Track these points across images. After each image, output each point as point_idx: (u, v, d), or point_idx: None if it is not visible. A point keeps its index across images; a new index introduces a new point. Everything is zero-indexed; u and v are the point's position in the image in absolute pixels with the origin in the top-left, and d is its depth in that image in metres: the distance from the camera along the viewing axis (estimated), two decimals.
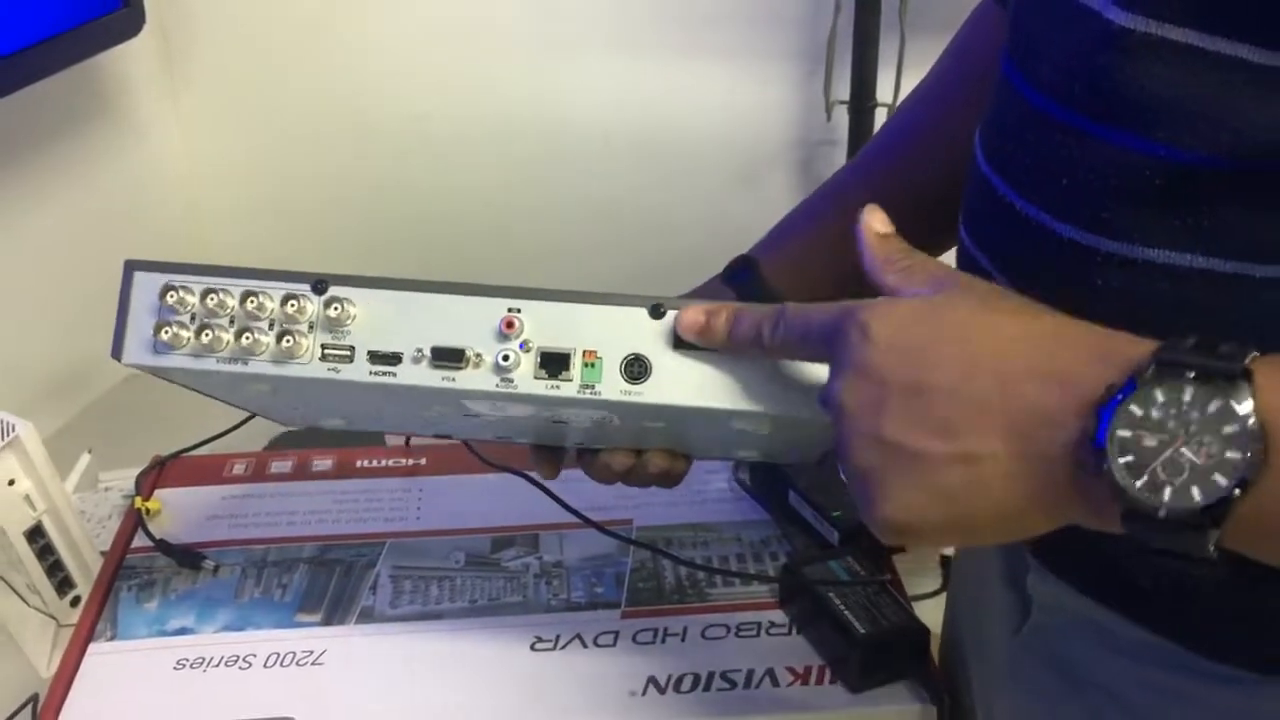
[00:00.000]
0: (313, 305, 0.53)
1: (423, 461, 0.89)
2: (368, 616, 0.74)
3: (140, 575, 0.79)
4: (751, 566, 0.77)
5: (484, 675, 0.69)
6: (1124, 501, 0.38)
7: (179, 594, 0.77)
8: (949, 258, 0.58)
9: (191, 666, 0.70)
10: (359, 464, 0.90)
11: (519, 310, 0.52)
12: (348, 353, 0.53)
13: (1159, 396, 0.37)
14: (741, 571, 0.77)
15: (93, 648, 0.71)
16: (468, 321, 0.53)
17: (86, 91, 1.21)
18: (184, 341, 0.53)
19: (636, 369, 0.52)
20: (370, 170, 1.34)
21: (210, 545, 0.81)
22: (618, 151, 1.27)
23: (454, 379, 0.52)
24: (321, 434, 0.85)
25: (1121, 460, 0.37)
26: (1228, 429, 0.36)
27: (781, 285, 0.71)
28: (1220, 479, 0.36)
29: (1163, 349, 0.38)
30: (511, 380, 0.52)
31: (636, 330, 0.52)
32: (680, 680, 0.68)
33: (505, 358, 0.52)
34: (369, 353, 0.53)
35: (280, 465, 0.89)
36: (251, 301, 0.53)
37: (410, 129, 1.30)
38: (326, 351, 0.53)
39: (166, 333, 0.53)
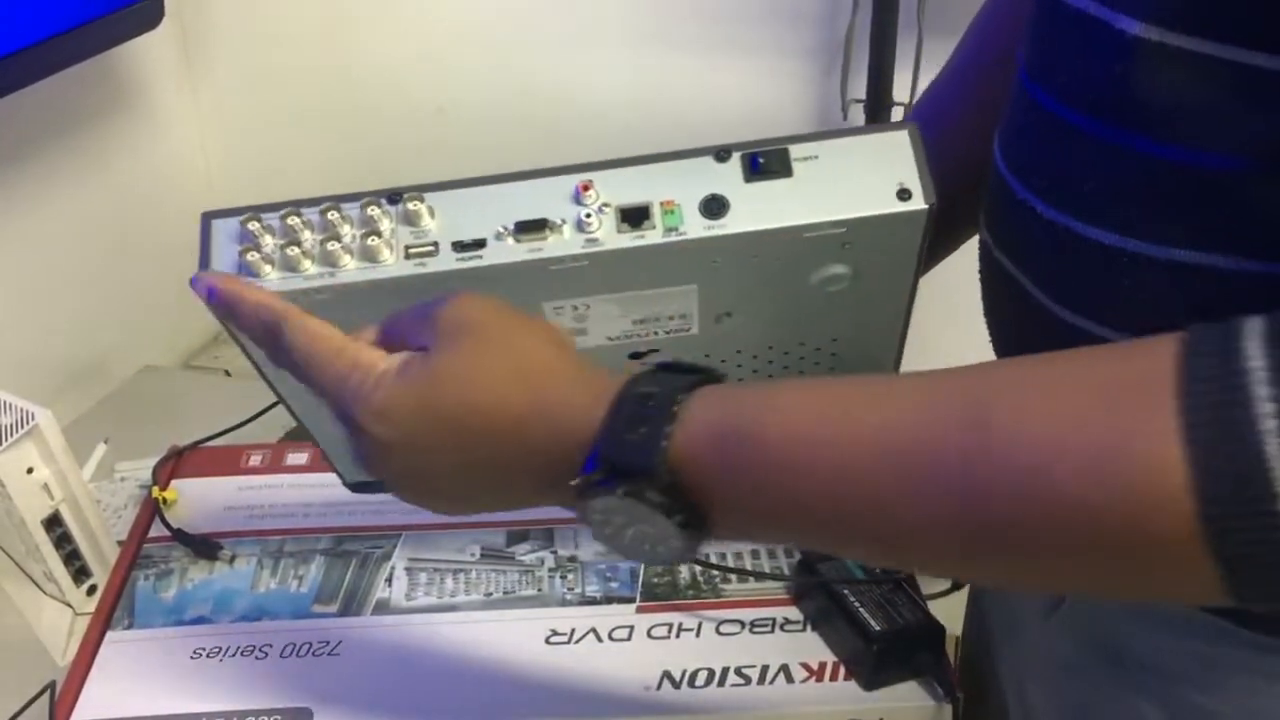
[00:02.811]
0: (391, 212, 0.53)
1: None
2: (383, 608, 0.74)
3: (157, 564, 0.79)
4: (766, 564, 0.77)
5: (499, 668, 0.69)
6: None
7: (196, 583, 0.77)
8: (970, 256, 0.59)
9: (208, 655, 0.71)
10: None
11: (590, 181, 0.53)
12: (431, 247, 0.53)
13: (599, 507, 0.44)
14: (756, 569, 0.77)
15: (110, 636, 0.72)
16: (543, 196, 0.53)
17: (105, 84, 1.21)
18: (271, 260, 0.53)
19: (715, 206, 0.53)
20: (389, 164, 1.34)
21: (227, 535, 0.81)
22: (634, 147, 1.27)
23: (540, 249, 0.53)
24: None
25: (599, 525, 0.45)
26: (662, 529, 0.43)
27: None
28: (675, 544, 0.43)
29: (600, 441, 0.43)
30: (596, 239, 0.53)
31: (706, 174, 0.53)
32: (694, 675, 0.68)
33: (587, 216, 0.52)
34: (453, 243, 0.53)
35: (296, 457, 0.89)
36: (332, 214, 0.53)
37: (430, 122, 1.30)
38: (411, 250, 0.53)
39: (253, 256, 0.53)
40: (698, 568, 0.77)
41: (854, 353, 0.62)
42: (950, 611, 0.74)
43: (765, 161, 0.53)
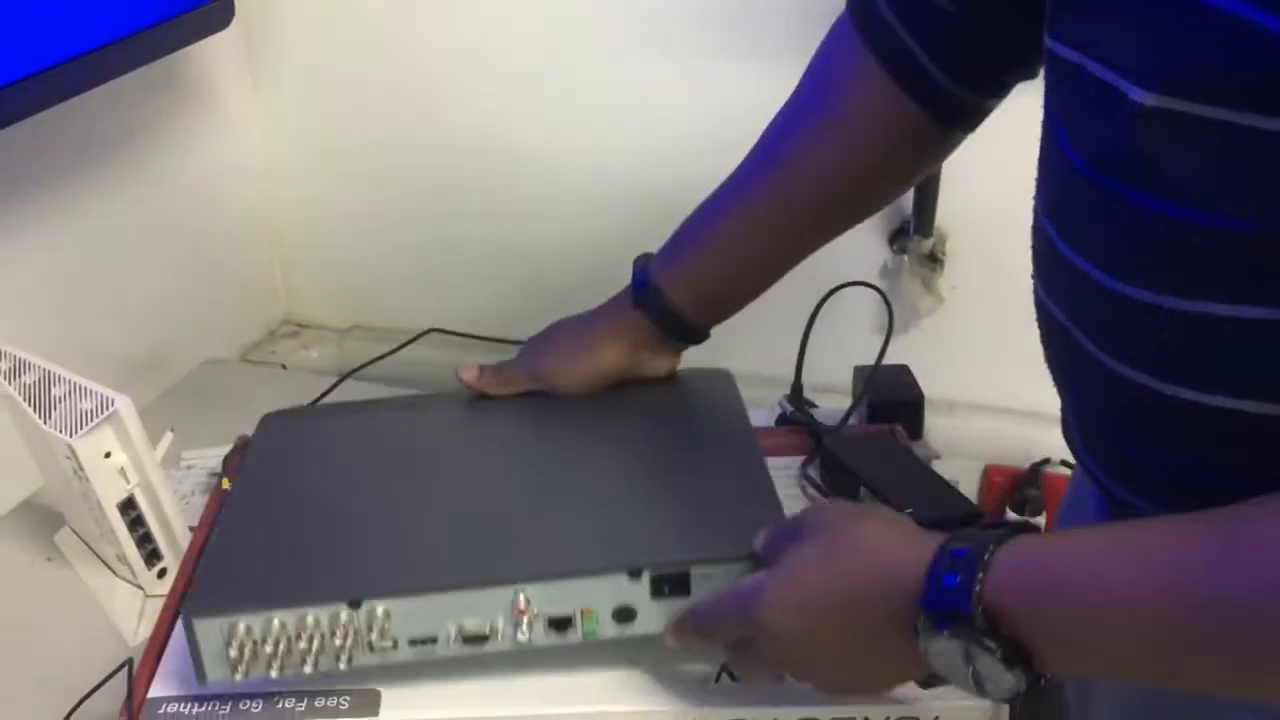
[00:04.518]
0: (353, 617, 0.64)
1: None
2: None
3: None
4: None
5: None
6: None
7: None
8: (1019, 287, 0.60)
9: None
10: None
11: (525, 594, 0.64)
12: (390, 644, 0.65)
13: (935, 650, 0.51)
14: None
15: None
16: (484, 608, 0.65)
17: (171, 83, 1.24)
18: (254, 664, 0.64)
19: (626, 615, 0.65)
20: (450, 167, 1.36)
21: None
22: (682, 153, 1.29)
23: (482, 649, 0.66)
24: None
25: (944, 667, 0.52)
26: (989, 665, 0.49)
27: (688, 309, 0.81)
28: (1008, 679, 0.50)
29: (926, 590, 0.51)
30: (528, 642, 0.65)
31: (621, 590, 0.65)
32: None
33: (520, 630, 0.65)
34: (409, 640, 0.65)
35: None
36: (302, 623, 0.64)
37: (489, 124, 1.32)
38: (375, 647, 0.65)
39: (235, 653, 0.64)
40: None
41: None
42: None
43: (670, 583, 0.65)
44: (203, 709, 0.66)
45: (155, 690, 0.68)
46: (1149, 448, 0.54)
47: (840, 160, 0.75)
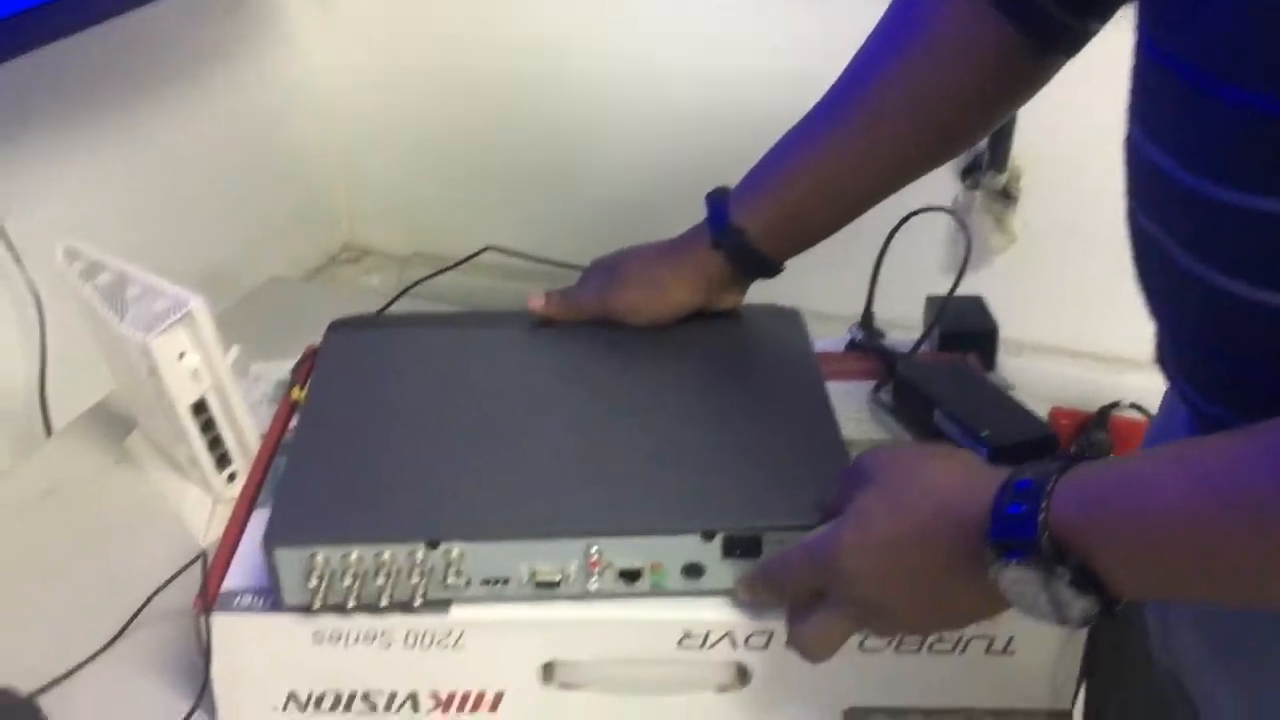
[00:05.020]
0: (429, 556, 0.65)
1: None
2: None
3: None
4: None
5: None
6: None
7: None
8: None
9: None
10: None
11: (599, 546, 0.65)
12: (464, 583, 0.66)
13: (1007, 581, 0.51)
14: None
15: (258, 513, 0.74)
16: (559, 556, 0.66)
17: (241, 6, 1.24)
18: (332, 593, 0.65)
19: (694, 571, 0.66)
20: (517, 102, 1.35)
21: None
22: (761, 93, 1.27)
23: (551, 594, 0.67)
24: None
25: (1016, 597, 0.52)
26: (1059, 591, 0.50)
27: (768, 248, 0.80)
28: (1079, 604, 0.50)
29: (993, 522, 0.51)
30: (597, 591, 0.66)
31: (693, 548, 0.66)
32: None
33: (591, 580, 0.66)
34: (482, 580, 0.66)
35: None
36: (379, 559, 0.65)
37: (554, 50, 1.31)
38: (448, 584, 0.66)
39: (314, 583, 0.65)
40: None
41: None
42: None
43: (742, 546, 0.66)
44: (274, 599, 0.67)
45: (228, 584, 0.69)
46: (1245, 360, 0.53)
47: (933, 89, 0.73)
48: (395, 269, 1.48)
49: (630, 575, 0.66)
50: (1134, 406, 1.17)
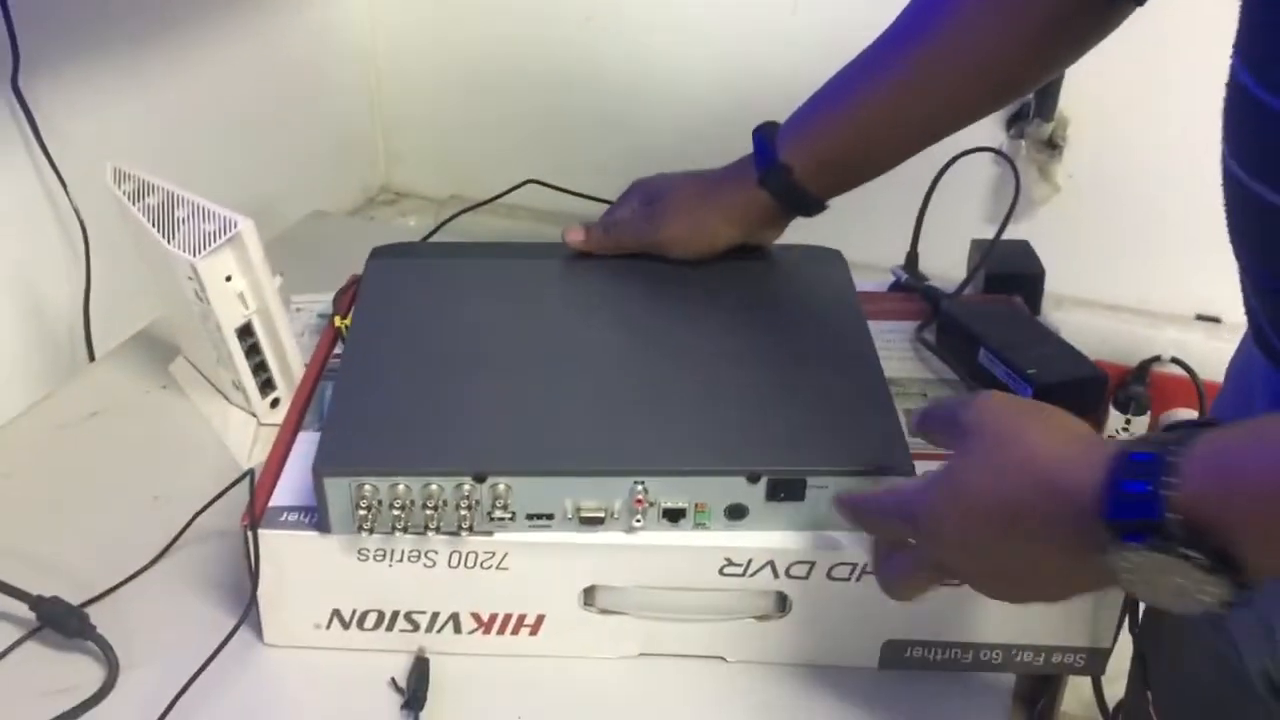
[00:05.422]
0: (476, 489, 0.66)
1: None
2: None
3: None
4: None
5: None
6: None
7: None
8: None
9: None
10: None
11: (645, 485, 0.66)
12: (509, 516, 0.66)
13: (1124, 565, 0.47)
14: None
15: (303, 435, 0.75)
16: (605, 494, 0.66)
17: None
18: (379, 521, 0.66)
19: (738, 512, 0.67)
20: (556, 45, 1.34)
21: None
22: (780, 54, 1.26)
23: (594, 530, 0.67)
24: None
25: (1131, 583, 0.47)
26: (1189, 574, 0.45)
27: (814, 187, 0.79)
28: (1211, 588, 0.45)
29: (1106, 501, 0.47)
30: (640, 527, 0.67)
31: (738, 490, 0.66)
32: None
33: (635, 518, 0.66)
34: (527, 515, 0.67)
35: None
36: (427, 490, 0.65)
37: (600, 6, 1.30)
38: (493, 517, 0.66)
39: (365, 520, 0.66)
40: None
41: None
42: None
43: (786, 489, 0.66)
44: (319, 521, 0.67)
45: (275, 502, 0.69)
46: None
47: (1000, 35, 0.71)
48: (432, 211, 1.48)
49: (674, 514, 0.67)
50: (1175, 361, 1.16)
